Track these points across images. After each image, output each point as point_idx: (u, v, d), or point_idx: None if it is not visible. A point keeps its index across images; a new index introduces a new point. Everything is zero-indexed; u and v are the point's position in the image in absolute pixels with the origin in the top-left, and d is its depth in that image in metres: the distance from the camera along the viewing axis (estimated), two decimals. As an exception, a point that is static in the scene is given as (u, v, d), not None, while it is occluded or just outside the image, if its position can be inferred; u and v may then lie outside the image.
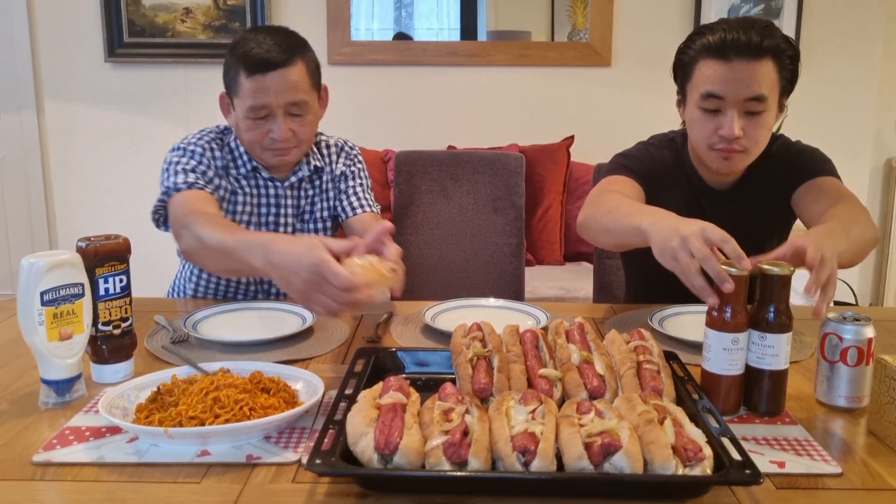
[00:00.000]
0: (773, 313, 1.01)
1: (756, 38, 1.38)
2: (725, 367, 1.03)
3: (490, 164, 2.14)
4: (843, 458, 0.93)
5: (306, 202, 1.73)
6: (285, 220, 1.71)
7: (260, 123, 1.55)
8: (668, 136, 1.65)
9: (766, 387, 1.03)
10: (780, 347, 1.01)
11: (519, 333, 1.14)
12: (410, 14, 3.69)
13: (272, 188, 1.68)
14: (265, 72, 1.50)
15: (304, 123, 1.58)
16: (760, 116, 1.42)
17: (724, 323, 1.02)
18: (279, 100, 1.52)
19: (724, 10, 3.32)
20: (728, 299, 1.01)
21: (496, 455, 0.83)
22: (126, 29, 3.29)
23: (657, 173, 1.58)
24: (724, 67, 1.40)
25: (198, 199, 1.52)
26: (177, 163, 1.58)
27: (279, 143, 1.56)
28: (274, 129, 1.55)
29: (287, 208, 1.71)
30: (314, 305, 1.11)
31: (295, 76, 1.52)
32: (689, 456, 0.82)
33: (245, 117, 1.55)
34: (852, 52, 3.36)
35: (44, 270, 1.03)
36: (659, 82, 3.38)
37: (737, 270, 1.00)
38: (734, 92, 1.40)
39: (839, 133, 3.40)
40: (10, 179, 3.46)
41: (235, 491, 0.84)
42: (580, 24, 3.44)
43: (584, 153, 3.26)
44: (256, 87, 1.51)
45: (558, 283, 2.86)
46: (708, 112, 1.44)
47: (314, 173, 1.73)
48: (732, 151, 1.45)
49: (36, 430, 0.98)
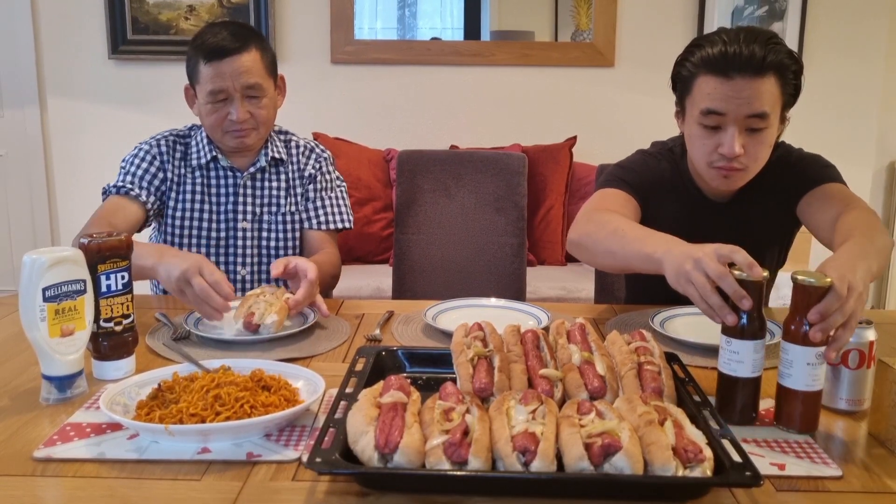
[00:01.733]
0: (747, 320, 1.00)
1: (759, 52, 1.32)
2: (809, 384, 0.99)
3: (493, 163, 2.14)
4: (844, 460, 0.93)
5: (270, 195, 1.79)
6: (244, 208, 1.77)
7: (219, 107, 1.65)
8: (667, 146, 1.62)
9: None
10: (745, 354, 1.00)
11: (520, 333, 1.14)
12: (414, 13, 3.69)
13: (231, 178, 1.76)
14: (221, 58, 1.61)
15: (261, 106, 1.67)
16: (762, 133, 1.38)
17: (804, 337, 0.98)
18: (235, 83, 1.62)
19: (728, 12, 3.32)
20: (802, 311, 0.98)
21: (496, 455, 0.83)
22: (129, 26, 3.29)
23: (654, 185, 1.55)
24: (725, 84, 1.34)
25: (113, 209, 1.68)
26: (129, 162, 1.75)
27: (237, 125, 1.66)
28: (232, 112, 1.64)
29: (247, 198, 1.77)
30: (183, 295, 1.32)
31: (248, 62, 1.63)
32: (690, 457, 0.82)
33: (205, 102, 1.65)
34: (856, 54, 3.35)
35: (46, 266, 1.03)
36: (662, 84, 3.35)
37: (749, 276, 0.99)
38: (735, 109, 1.34)
39: (842, 136, 3.39)
40: (12, 176, 3.47)
41: (235, 488, 0.84)
42: (583, 25, 3.44)
43: (587, 154, 3.26)
44: (214, 73, 1.62)
45: (559, 284, 2.86)
46: (708, 129, 1.39)
47: (275, 165, 1.79)
48: (732, 169, 1.40)
49: (37, 426, 0.98)
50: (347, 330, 1.40)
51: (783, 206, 1.54)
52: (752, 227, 1.55)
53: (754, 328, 1.00)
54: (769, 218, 1.56)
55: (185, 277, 1.30)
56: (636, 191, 1.53)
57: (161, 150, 1.75)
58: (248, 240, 1.78)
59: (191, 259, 1.33)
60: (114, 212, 1.68)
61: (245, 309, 1.34)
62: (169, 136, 1.78)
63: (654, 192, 1.55)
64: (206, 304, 1.30)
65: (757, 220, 1.56)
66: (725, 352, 1.01)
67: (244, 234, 1.78)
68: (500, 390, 1.00)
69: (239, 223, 1.77)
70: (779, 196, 1.54)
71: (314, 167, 1.82)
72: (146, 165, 1.73)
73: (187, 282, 1.30)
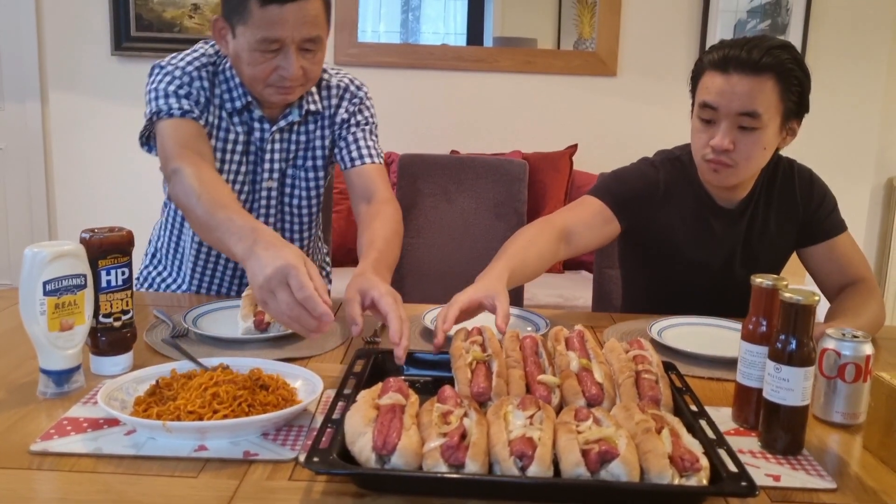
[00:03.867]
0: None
1: (757, 54, 1.38)
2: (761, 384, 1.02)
3: (493, 169, 2.14)
4: (838, 473, 0.94)
5: (296, 148, 1.60)
6: (270, 164, 1.58)
7: (269, 57, 1.40)
8: (673, 154, 1.64)
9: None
10: (795, 381, 0.97)
11: (519, 339, 1.15)
12: (417, 17, 3.70)
13: (258, 130, 1.55)
14: (283, 2, 1.34)
15: (315, 61, 1.45)
16: (754, 133, 1.42)
17: (760, 337, 1.02)
18: (295, 34, 1.38)
19: (731, 25, 3.34)
20: (757, 311, 1.02)
21: (493, 459, 0.83)
22: (133, 23, 3.30)
23: (647, 193, 1.58)
24: (722, 79, 1.41)
25: (190, 134, 1.42)
26: (168, 83, 1.46)
27: (287, 81, 1.43)
28: (284, 66, 1.40)
29: (273, 153, 1.58)
30: (267, 306, 1.09)
31: (314, 9, 1.38)
32: (686, 466, 0.82)
33: (252, 49, 1.40)
34: (857, 69, 3.37)
35: (47, 260, 1.03)
36: (664, 94, 3.40)
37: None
38: (727, 104, 1.41)
39: (841, 151, 3.41)
40: (11, 169, 3.47)
41: (232, 487, 0.84)
42: (586, 34, 3.45)
43: (587, 162, 3.27)
44: (272, 18, 1.35)
45: (557, 292, 2.86)
46: (703, 122, 1.46)
47: (306, 117, 1.59)
48: (721, 164, 1.45)
49: (34, 420, 0.98)
50: (346, 332, 1.39)
51: (789, 225, 1.59)
52: (758, 236, 1.59)
53: (804, 354, 0.95)
54: (774, 231, 1.60)
55: (268, 287, 1.06)
56: (617, 202, 1.56)
57: (196, 84, 1.48)
58: (271, 199, 1.61)
59: (280, 259, 1.06)
60: (197, 137, 1.42)
61: (253, 308, 1.33)
62: (201, 68, 1.49)
63: (646, 201, 1.58)
64: (295, 322, 1.07)
65: (763, 230, 1.59)
66: (774, 378, 0.96)
67: (268, 194, 1.60)
68: (498, 395, 1.00)
69: (264, 182, 1.58)
70: (787, 215, 1.59)
71: (348, 110, 1.61)
72: (195, 96, 1.46)
73: (271, 293, 1.07)
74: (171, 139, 1.42)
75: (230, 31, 1.43)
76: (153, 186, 1.62)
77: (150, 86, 1.48)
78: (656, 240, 1.61)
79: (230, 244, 1.18)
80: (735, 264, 1.60)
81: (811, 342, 0.96)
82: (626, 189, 1.58)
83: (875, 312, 1.44)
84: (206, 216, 1.27)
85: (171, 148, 1.41)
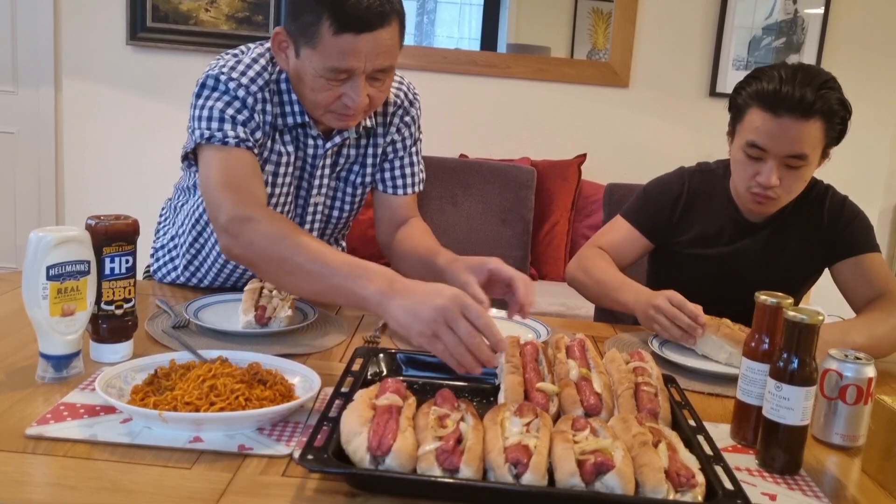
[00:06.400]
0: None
1: (810, 97, 1.39)
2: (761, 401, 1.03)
3: (501, 175, 2.14)
4: (835, 495, 0.93)
5: (345, 162, 1.53)
6: (321, 181, 1.51)
7: (334, 85, 1.30)
8: (709, 167, 1.71)
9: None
10: (795, 400, 0.97)
11: (519, 345, 1.14)
12: (432, 21, 3.71)
13: (312, 147, 1.47)
14: (359, 32, 1.24)
15: (383, 89, 1.36)
16: (799, 170, 1.47)
17: (762, 354, 1.04)
18: (367, 65, 1.28)
19: (745, 42, 3.33)
20: (760, 329, 1.04)
21: (488, 465, 0.83)
22: (150, 13, 3.30)
23: (674, 205, 1.67)
24: (773, 122, 1.42)
25: (244, 170, 1.32)
26: (226, 104, 1.34)
27: (351, 110, 1.33)
28: (350, 95, 1.31)
29: (325, 169, 1.50)
30: (437, 342, 1.02)
31: (389, 39, 1.28)
32: (682, 481, 0.82)
33: (319, 76, 1.29)
34: (871, 91, 3.36)
35: (52, 245, 1.03)
36: (675, 107, 3.40)
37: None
38: (777, 147, 1.43)
39: (851, 173, 3.38)
40: (22, 154, 3.48)
41: (225, 479, 0.84)
42: (600, 45, 3.45)
43: (596, 172, 3.26)
44: (345, 48, 1.25)
45: (560, 300, 2.85)
46: (750, 158, 1.49)
47: (360, 135, 1.52)
48: (766, 198, 1.50)
49: (31, 404, 0.98)
50: (346, 330, 1.39)
51: (818, 246, 1.61)
52: (785, 255, 1.62)
53: (806, 373, 0.95)
54: (802, 251, 1.62)
55: (443, 320, 1.01)
56: (644, 224, 1.68)
57: (259, 108, 1.36)
58: (317, 214, 1.55)
59: (446, 293, 1.03)
60: (251, 172, 1.32)
61: (254, 302, 1.33)
62: (263, 87, 1.37)
63: (675, 213, 1.67)
64: (469, 355, 1.01)
65: (791, 249, 1.62)
66: (774, 396, 0.96)
67: (314, 209, 1.54)
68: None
69: (312, 198, 1.52)
70: (816, 236, 1.61)
71: (398, 132, 1.54)
72: (254, 124, 1.35)
73: (446, 325, 1.01)
74: (221, 173, 1.31)
75: (293, 48, 1.32)
76: (162, 178, 1.61)
77: (202, 99, 1.35)
78: (686, 240, 1.67)
79: (355, 288, 1.11)
80: (752, 277, 1.60)
81: (813, 362, 0.95)
82: (652, 208, 1.69)
83: (894, 326, 1.45)
84: (312, 264, 1.16)
85: (222, 187, 1.29)
